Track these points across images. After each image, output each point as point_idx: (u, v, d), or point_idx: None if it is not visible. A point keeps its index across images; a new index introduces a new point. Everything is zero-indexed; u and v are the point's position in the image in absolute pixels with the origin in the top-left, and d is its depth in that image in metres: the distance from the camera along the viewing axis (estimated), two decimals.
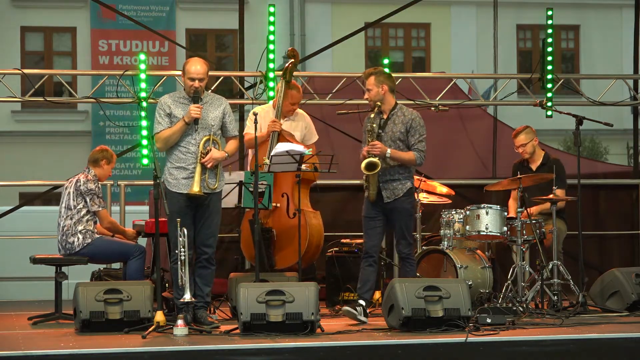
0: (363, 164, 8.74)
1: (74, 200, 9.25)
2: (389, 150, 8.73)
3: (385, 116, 8.89)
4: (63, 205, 9.31)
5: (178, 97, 8.39)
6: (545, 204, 9.82)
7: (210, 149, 8.26)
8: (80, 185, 9.27)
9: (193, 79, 8.26)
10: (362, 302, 8.66)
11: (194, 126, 8.24)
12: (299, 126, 10.00)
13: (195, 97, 8.27)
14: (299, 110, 10.13)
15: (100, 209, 9.25)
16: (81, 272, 10.19)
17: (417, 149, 8.80)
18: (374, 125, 8.80)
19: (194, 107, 8.22)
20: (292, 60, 10.03)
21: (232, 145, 8.49)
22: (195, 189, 8.21)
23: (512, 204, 10.16)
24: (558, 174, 9.76)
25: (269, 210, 9.40)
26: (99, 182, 9.41)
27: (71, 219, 9.20)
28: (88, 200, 9.21)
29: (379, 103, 8.80)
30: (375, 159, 8.68)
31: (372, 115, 8.84)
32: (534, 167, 10.12)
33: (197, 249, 8.37)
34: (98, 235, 9.24)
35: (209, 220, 8.37)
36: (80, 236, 9.16)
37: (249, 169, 9.56)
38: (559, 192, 9.74)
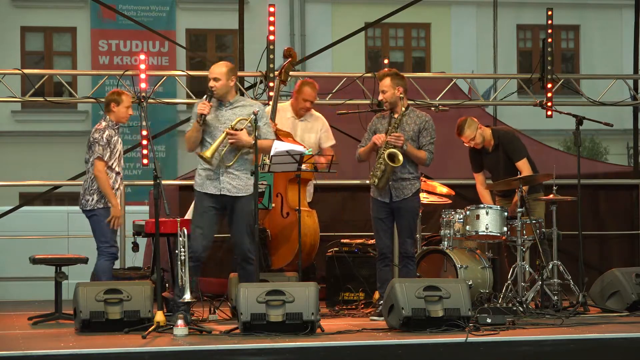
0: (386, 154, 8.77)
1: (87, 153, 9.08)
2: (405, 145, 8.79)
3: (396, 116, 8.96)
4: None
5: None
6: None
7: (243, 129, 8.31)
8: (90, 136, 9.13)
9: (209, 79, 8.39)
10: None
11: (206, 125, 8.31)
12: (314, 128, 10.03)
13: (208, 95, 8.35)
14: (316, 113, 10.14)
15: (97, 155, 8.90)
16: (81, 272, 10.18)
17: (428, 150, 8.94)
18: (392, 120, 8.91)
19: (201, 103, 8.33)
20: (289, 59, 10.03)
21: (265, 141, 8.43)
22: (207, 153, 8.25)
23: (482, 191, 10.12)
24: (512, 147, 9.81)
25: (264, 211, 9.42)
26: (116, 127, 9.08)
27: (88, 172, 9.06)
28: (91, 149, 9.00)
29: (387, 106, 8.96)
30: (398, 152, 8.76)
31: (379, 116, 8.96)
32: (490, 149, 10.08)
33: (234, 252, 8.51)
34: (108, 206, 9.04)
35: (237, 223, 8.41)
36: (96, 197, 8.98)
37: None
38: (520, 164, 9.76)
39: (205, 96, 8.39)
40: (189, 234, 8.44)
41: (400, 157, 8.78)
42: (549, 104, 11.67)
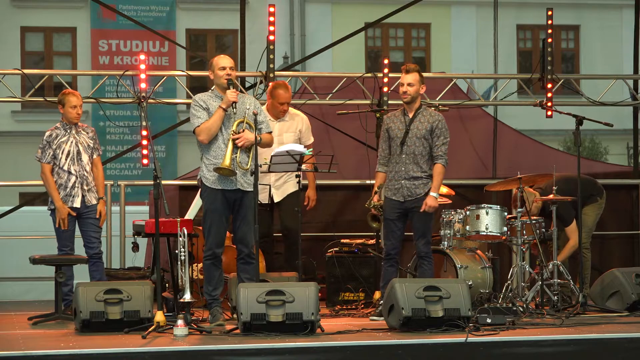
0: (369, 218, 9.38)
1: None
2: (436, 195, 8.88)
3: (411, 115, 8.94)
4: None
5: (210, 95, 8.45)
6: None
7: (244, 130, 8.31)
8: None
9: (224, 67, 8.36)
10: None
11: (232, 114, 8.28)
12: (292, 127, 9.98)
13: (230, 82, 8.34)
14: (293, 111, 10.11)
15: (37, 160, 9.27)
16: (81, 272, 10.18)
17: (440, 155, 8.89)
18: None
19: (231, 91, 8.29)
20: None
21: (266, 136, 8.48)
22: (226, 162, 8.22)
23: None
24: (558, 216, 9.69)
25: None
26: (67, 127, 9.30)
27: None
28: None
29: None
30: (378, 215, 9.20)
31: (390, 116, 9.07)
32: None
33: (237, 246, 8.48)
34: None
35: (246, 217, 8.40)
36: (49, 199, 9.37)
37: None
38: (568, 230, 10.02)
39: (228, 85, 8.34)
40: (189, 234, 8.47)
41: (381, 219, 9.17)
42: (549, 104, 11.66)
